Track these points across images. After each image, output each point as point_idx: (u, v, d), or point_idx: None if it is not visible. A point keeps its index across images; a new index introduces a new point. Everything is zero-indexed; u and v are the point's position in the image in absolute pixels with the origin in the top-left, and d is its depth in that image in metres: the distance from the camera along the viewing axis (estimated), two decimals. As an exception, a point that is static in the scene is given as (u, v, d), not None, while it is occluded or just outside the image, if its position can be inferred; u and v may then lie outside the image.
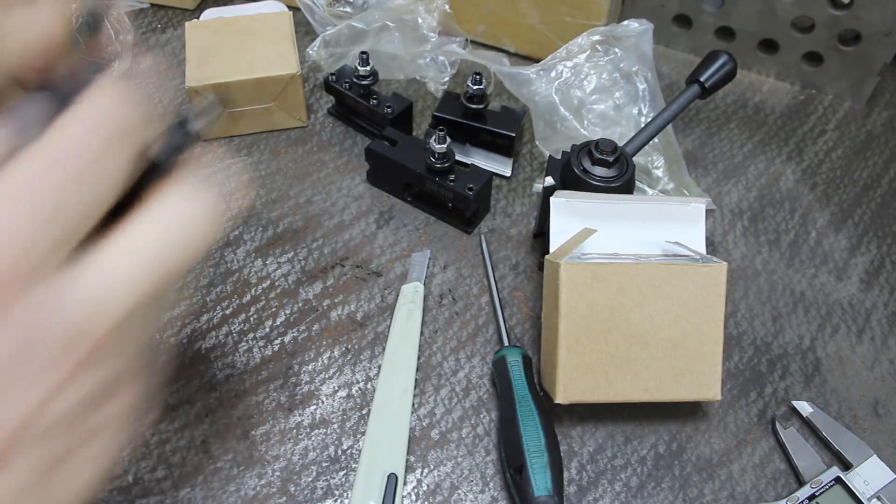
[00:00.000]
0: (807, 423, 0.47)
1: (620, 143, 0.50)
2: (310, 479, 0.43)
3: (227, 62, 0.59)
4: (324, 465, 0.43)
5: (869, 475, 0.43)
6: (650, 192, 0.58)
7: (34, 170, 0.25)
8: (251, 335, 0.50)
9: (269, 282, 0.53)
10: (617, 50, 0.59)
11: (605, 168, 0.48)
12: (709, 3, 0.69)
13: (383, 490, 0.41)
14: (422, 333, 0.50)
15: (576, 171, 0.49)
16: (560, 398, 0.43)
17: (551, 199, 0.47)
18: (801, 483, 0.44)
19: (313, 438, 0.45)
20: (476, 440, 0.45)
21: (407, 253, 0.55)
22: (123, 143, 0.27)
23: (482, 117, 0.58)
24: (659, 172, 0.58)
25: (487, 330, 0.50)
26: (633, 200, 0.48)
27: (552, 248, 0.47)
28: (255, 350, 0.49)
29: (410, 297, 0.51)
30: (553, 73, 0.59)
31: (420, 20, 0.62)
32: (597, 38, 0.59)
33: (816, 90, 0.70)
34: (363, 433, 0.44)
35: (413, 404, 0.46)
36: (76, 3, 0.55)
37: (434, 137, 0.52)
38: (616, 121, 0.59)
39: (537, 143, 0.60)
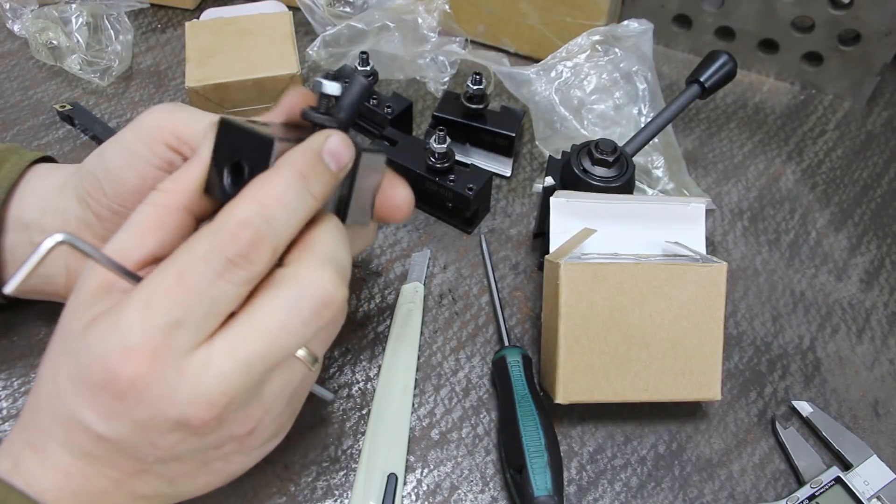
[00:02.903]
0: (807, 423, 0.47)
1: (620, 143, 0.50)
2: (310, 479, 0.43)
3: (227, 62, 0.58)
4: (324, 465, 0.43)
5: (869, 475, 0.43)
6: (650, 192, 0.58)
7: (202, 252, 0.28)
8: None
9: (269, 282, 0.52)
10: (617, 50, 0.59)
11: (605, 168, 0.48)
12: (709, 3, 0.69)
13: (383, 490, 0.41)
14: (422, 333, 0.50)
15: (576, 171, 0.48)
16: (560, 398, 0.43)
17: (551, 199, 0.47)
18: (801, 483, 0.44)
19: (313, 438, 0.44)
20: (476, 440, 0.45)
21: (407, 253, 0.54)
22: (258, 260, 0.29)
23: (482, 117, 0.58)
24: (659, 172, 0.58)
25: (487, 330, 0.50)
26: (633, 200, 0.48)
27: (552, 248, 0.47)
28: (255, 350, 0.49)
29: (410, 297, 0.50)
30: (553, 73, 0.59)
31: (420, 20, 0.62)
32: (597, 38, 0.59)
33: (816, 90, 0.70)
34: (363, 433, 0.44)
35: (413, 404, 0.46)
36: (84, 9, 0.56)
37: (434, 137, 0.52)
38: (616, 121, 0.59)
39: (537, 143, 0.60)
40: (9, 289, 0.26)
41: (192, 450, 0.29)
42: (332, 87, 0.33)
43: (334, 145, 0.32)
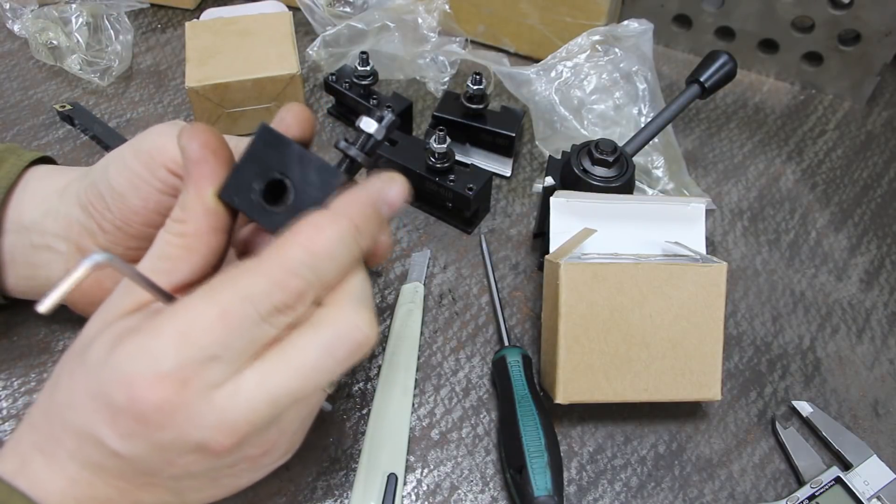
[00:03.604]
0: (807, 423, 0.47)
1: (620, 143, 0.50)
2: (310, 479, 0.43)
3: (227, 62, 0.58)
4: (324, 465, 0.43)
5: (869, 475, 0.43)
6: (650, 192, 0.58)
7: (254, 286, 0.28)
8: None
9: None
10: (617, 50, 0.59)
11: (605, 168, 0.48)
12: (709, 3, 0.69)
13: (383, 490, 0.41)
14: (422, 333, 0.50)
15: (576, 171, 0.49)
16: (560, 398, 0.43)
17: (551, 199, 0.47)
18: (801, 483, 0.44)
19: (313, 438, 0.44)
20: (476, 440, 0.45)
21: (407, 253, 0.54)
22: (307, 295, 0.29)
23: (482, 117, 0.58)
24: (659, 172, 0.58)
25: (487, 330, 0.50)
26: (633, 200, 0.48)
27: (552, 248, 0.47)
28: (255, 350, 0.49)
29: (410, 297, 0.50)
30: (553, 73, 0.59)
31: (420, 20, 0.62)
32: (597, 38, 0.59)
33: (816, 90, 0.70)
34: (363, 433, 0.44)
35: (413, 404, 0.46)
36: (84, 9, 0.55)
37: (434, 137, 0.52)
38: (616, 121, 0.59)
39: (537, 143, 0.60)
40: (46, 305, 0.26)
41: (207, 469, 0.29)
42: (375, 128, 0.33)
43: (396, 195, 0.31)
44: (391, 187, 0.31)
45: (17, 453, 0.30)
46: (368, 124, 0.33)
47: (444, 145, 0.52)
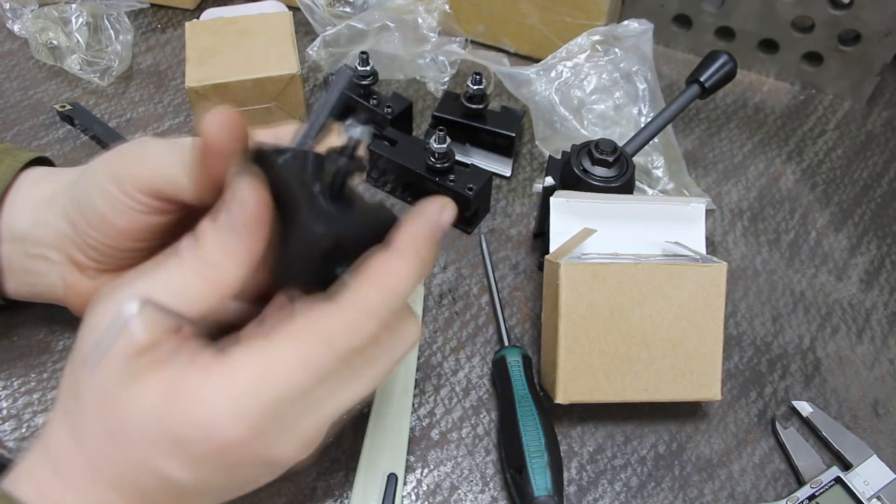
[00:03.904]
0: (807, 423, 0.47)
1: (620, 143, 0.50)
2: (310, 479, 0.43)
3: (227, 62, 0.58)
4: (324, 465, 0.43)
5: (869, 475, 0.43)
6: (650, 192, 0.58)
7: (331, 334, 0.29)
8: (251, 335, 0.50)
9: (269, 282, 0.52)
10: (617, 50, 0.59)
11: (605, 168, 0.48)
12: (709, 3, 0.69)
13: (383, 490, 0.41)
14: (422, 333, 0.50)
15: (576, 171, 0.49)
16: (560, 398, 0.43)
17: (551, 199, 0.47)
18: (801, 483, 0.44)
19: (313, 438, 0.44)
20: (476, 440, 0.45)
21: (407, 253, 0.54)
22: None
23: (482, 117, 0.58)
24: (659, 172, 0.58)
25: (487, 330, 0.50)
26: (633, 200, 0.48)
27: (552, 248, 0.47)
28: (255, 350, 0.49)
29: (410, 297, 0.50)
30: (553, 73, 0.59)
31: (420, 20, 0.62)
32: (597, 38, 0.59)
33: (816, 90, 0.70)
34: (363, 433, 0.44)
35: (413, 404, 0.46)
36: (84, 9, 0.54)
37: (434, 137, 0.52)
38: (616, 121, 0.59)
39: (537, 143, 0.60)
40: (93, 364, 0.27)
41: (258, 475, 0.30)
42: (365, 133, 0.33)
43: (449, 219, 0.32)
44: (444, 213, 0.32)
45: (33, 481, 0.29)
46: (364, 132, 0.33)
47: (444, 145, 0.52)
